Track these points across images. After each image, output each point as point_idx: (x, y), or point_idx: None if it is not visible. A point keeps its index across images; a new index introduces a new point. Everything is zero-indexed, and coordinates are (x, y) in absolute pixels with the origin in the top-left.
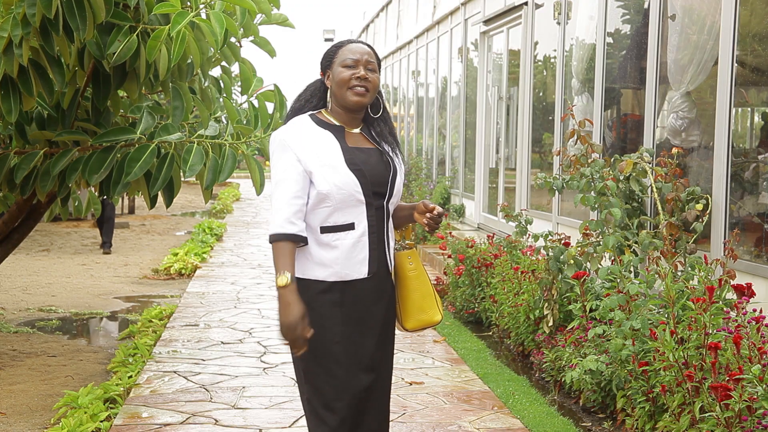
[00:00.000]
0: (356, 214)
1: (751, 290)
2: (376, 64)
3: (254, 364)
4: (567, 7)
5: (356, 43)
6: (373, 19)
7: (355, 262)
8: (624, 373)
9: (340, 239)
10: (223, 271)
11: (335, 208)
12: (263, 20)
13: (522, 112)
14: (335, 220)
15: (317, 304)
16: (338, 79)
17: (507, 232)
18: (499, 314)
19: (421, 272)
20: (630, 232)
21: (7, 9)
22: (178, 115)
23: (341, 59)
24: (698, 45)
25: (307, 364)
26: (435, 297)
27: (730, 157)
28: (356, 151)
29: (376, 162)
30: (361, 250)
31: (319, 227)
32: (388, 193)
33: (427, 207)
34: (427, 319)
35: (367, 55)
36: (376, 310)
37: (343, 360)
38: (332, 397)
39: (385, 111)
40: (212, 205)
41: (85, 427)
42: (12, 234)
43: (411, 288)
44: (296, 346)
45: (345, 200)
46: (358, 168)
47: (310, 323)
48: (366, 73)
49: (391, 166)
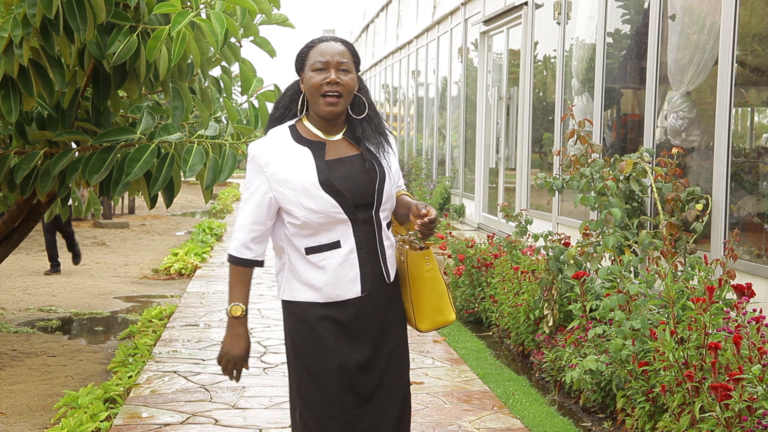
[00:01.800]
0: (341, 231)
1: (751, 290)
2: (350, 63)
3: (254, 364)
4: (567, 7)
5: (327, 41)
6: (373, 19)
7: (345, 282)
8: (624, 373)
9: (326, 259)
10: (223, 271)
11: (317, 229)
12: (263, 20)
13: (522, 112)
14: (319, 240)
15: (311, 319)
16: (309, 85)
17: (507, 232)
18: (499, 314)
19: (437, 272)
20: (630, 232)
21: (8, 9)
22: (178, 115)
23: (311, 62)
24: (698, 45)
25: (300, 377)
26: (449, 296)
27: (730, 157)
28: (336, 165)
29: (358, 172)
30: (350, 268)
31: (304, 248)
32: (376, 202)
33: (419, 211)
34: (443, 319)
35: (338, 56)
36: (376, 329)
37: (336, 377)
38: (323, 414)
39: (370, 109)
40: (212, 205)
41: (85, 427)
42: (12, 234)
43: (427, 289)
44: (231, 377)
45: (325, 223)
46: (335, 189)
47: (304, 338)
48: (337, 76)
49: (377, 172)
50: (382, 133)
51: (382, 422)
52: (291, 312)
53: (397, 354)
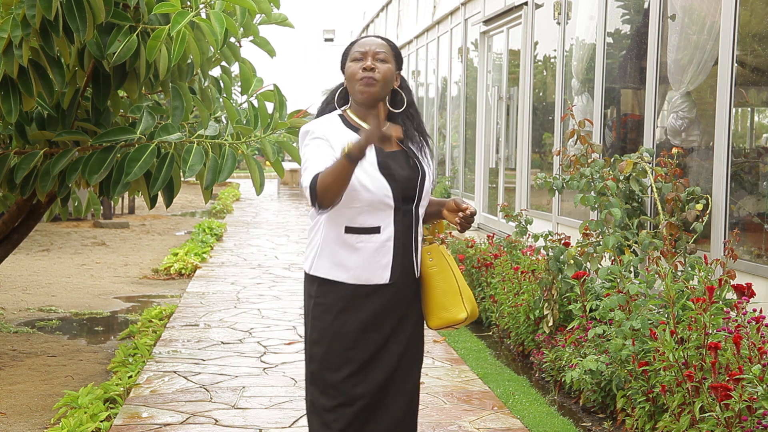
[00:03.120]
0: (383, 217)
1: (751, 290)
2: (388, 54)
3: (254, 364)
4: (567, 7)
5: (369, 37)
6: (373, 19)
7: (377, 267)
8: (624, 373)
9: (364, 242)
10: (223, 271)
11: (362, 210)
12: (263, 20)
13: (522, 112)
14: (362, 222)
15: (335, 307)
16: (348, 74)
17: (507, 232)
18: (499, 314)
19: (443, 268)
20: (630, 232)
21: (7, 10)
22: (178, 115)
23: (351, 55)
24: (698, 45)
25: (318, 366)
26: (461, 294)
27: (730, 157)
28: (386, 154)
29: (403, 166)
30: (384, 255)
31: (345, 226)
32: (417, 197)
33: (459, 206)
34: (450, 317)
35: (375, 46)
36: (395, 319)
37: (355, 366)
38: (337, 403)
39: (411, 107)
40: (212, 205)
41: (85, 427)
42: (12, 234)
43: (432, 285)
44: (386, 135)
45: (373, 203)
46: (390, 173)
47: (326, 325)
48: (372, 63)
49: (419, 170)
50: (423, 134)
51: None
52: (316, 286)
53: (411, 348)
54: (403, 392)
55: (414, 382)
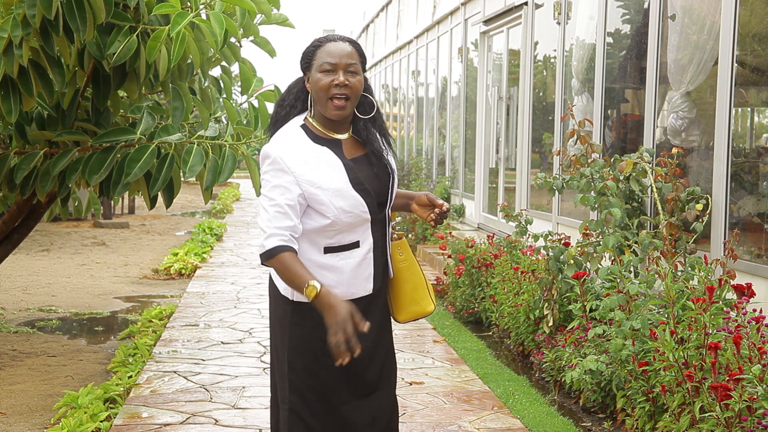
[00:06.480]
0: (361, 231)
1: (751, 290)
2: (358, 65)
3: (254, 364)
4: (567, 7)
5: (335, 41)
6: (373, 19)
7: (360, 280)
8: (624, 373)
9: (345, 258)
10: (223, 271)
11: (341, 230)
12: (263, 20)
13: (522, 112)
14: (340, 240)
15: (318, 316)
16: (317, 86)
17: (507, 232)
18: (499, 314)
19: (412, 263)
20: (630, 232)
21: (7, 10)
22: (178, 116)
23: (319, 63)
24: (698, 45)
25: (297, 375)
26: (427, 287)
27: (730, 157)
28: (355, 165)
29: (375, 172)
30: (366, 267)
31: (324, 247)
32: (389, 201)
33: (434, 202)
34: (420, 310)
35: (346, 57)
36: (377, 322)
37: (338, 372)
38: (321, 409)
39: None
40: (212, 205)
41: (85, 427)
42: (12, 234)
43: (402, 280)
44: (350, 345)
45: (351, 222)
46: (364, 188)
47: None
48: (346, 78)
49: (388, 171)
50: (385, 134)
51: (377, 417)
52: (296, 309)
53: (391, 349)
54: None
55: (394, 384)
